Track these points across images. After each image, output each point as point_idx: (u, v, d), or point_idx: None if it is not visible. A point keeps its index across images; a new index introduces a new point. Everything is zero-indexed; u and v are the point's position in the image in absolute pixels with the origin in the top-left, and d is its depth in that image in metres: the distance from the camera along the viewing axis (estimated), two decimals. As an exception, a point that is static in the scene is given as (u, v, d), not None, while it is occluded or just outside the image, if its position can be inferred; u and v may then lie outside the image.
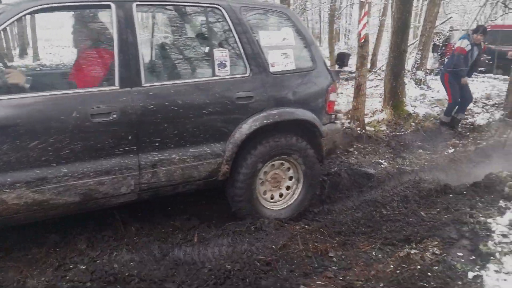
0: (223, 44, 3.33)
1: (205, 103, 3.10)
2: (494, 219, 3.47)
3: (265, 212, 3.61)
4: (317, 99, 3.66)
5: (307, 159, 3.67)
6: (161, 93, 2.97)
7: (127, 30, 2.87)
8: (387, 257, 3.04)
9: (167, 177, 3.07)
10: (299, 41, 3.64)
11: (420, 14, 18.84)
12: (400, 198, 4.12)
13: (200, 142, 3.15)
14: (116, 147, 2.84)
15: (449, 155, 5.97)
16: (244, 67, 3.33)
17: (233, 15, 3.28)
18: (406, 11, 7.75)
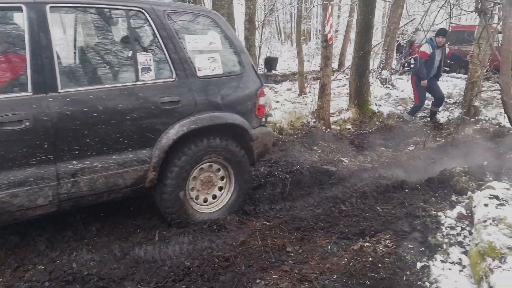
0: (147, 48, 3.25)
1: (128, 109, 3.01)
2: (445, 213, 3.65)
3: (197, 216, 3.56)
4: (246, 103, 3.67)
5: (237, 162, 3.67)
6: (80, 99, 2.84)
7: (40, 33, 2.73)
8: (342, 250, 3.16)
9: (90, 186, 2.95)
10: (226, 45, 3.66)
11: (386, 15, 19.29)
12: (359, 194, 4.27)
13: (124, 149, 3.05)
14: (30, 157, 2.69)
15: (410, 152, 6.18)
16: (170, 71, 3.28)
17: (156, 18, 3.23)
18: (368, 12, 7.97)
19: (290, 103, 9.67)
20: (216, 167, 3.66)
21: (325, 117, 7.05)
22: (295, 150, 5.81)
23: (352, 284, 2.70)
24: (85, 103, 2.86)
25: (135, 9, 3.18)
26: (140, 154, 3.13)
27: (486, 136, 6.65)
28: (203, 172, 3.59)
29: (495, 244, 2.56)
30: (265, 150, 4.03)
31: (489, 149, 5.96)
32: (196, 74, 3.39)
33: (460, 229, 3.30)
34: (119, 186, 3.09)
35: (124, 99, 3.02)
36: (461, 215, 3.51)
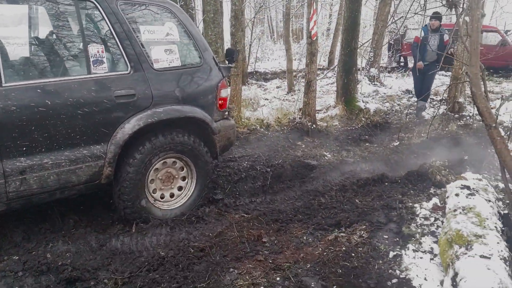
0: (99, 40, 3.14)
1: (79, 103, 2.90)
2: (421, 204, 3.71)
3: (157, 212, 3.47)
4: (207, 96, 3.59)
5: (199, 156, 3.59)
6: (25, 94, 2.72)
7: None
8: (317, 241, 3.20)
9: (40, 183, 2.84)
10: (185, 37, 3.56)
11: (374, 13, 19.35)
12: (339, 188, 4.31)
13: (76, 145, 2.94)
14: None
15: (394, 147, 6.23)
16: (124, 64, 3.17)
17: (108, 8, 3.11)
18: (355, 9, 8.02)
19: (278, 100, 9.71)
20: (176, 162, 3.57)
21: (311, 113, 7.08)
22: (279, 145, 5.85)
23: (324, 273, 2.74)
24: (31, 97, 2.75)
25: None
26: (95, 150, 3.03)
27: (469, 131, 6.72)
28: (165, 167, 3.51)
29: (463, 232, 2.61)
30: (229, 144, 3.98)
31: (471, 144, 6.03)
32: (153, 66, 3.29)
33: (433, 220, 3.36)
34: (72, 183, 2.99)
35: (74, 93, 2.90)
36: (435, 206, 3.57)
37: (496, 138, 2.79)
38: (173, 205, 3.59)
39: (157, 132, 3.32)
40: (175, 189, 3.62)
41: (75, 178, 2.99)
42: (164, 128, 3.35)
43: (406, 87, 11.09)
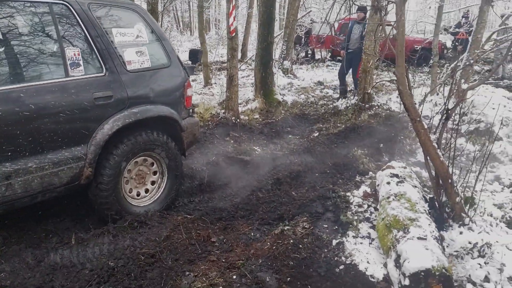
0: (74, 43, 3.14)
1: (61, 105, 2.92)
2: (352, 192, 4.00)
3: (134, 209, 3.54)
4: (175, 95, 3.75)
5: (170, 153, 3.72)
6: (8, 98, 2.70)
7: None
8: (264, 235, 3.31)
9: (24, 188, 2.83)
10: (152, 38, 3.68)
11: (284, 6, 20.00)
12: (274, 181, 4.47)
13: (59, 147, 2.97)
14: None
15: (315, 138, 6.57)
16: (100, 66, 3.23)
17: (81, 12, 3.17)
18: (270, 5, 8.22)
19: (196, 94, 9.64)
20: (150, 161, 3.67)
21: (234, 107, 7.17)
22: (208, 141, 5.85)
23: (277, 266, 2.86)
24: (14, 102, 2.72)
25: (59, 2, 3.09)
26: (75, 152, 3.06)
27: (379, 120, 7.31)
28: (138, 166, 3.59)
29: (399, 217, 2.89)
30: (194, 140, 4.16)
31: (382, 132, 6.58)
32: (126, 68, 3.37)
33: (366, 207, 3.65)
34: (54, 185, 2.99)
35: (56, 95, 2.92)
36: (366, 193, 3.87)
37: (420, 131, 3.11)
38: (146, 201, 3.69)
39: (133, 131, 3.39)
40: (148, 184, 3.72)
41: (57, 180, 2.99)
42: (139, 127, 3.43)
43: (317, 78, 11.70)
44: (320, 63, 15.07)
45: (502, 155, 5.36)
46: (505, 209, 3.78)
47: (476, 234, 2.93)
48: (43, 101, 2.84)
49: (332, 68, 14.25)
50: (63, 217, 3.59)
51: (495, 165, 5.16)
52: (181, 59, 3.98)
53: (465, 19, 12.23)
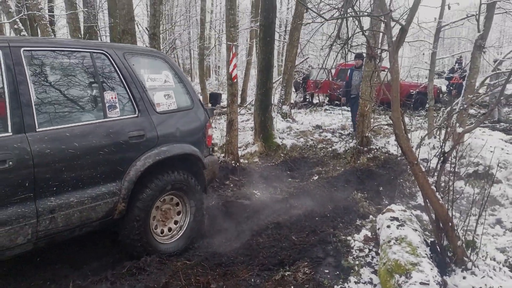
0: (111, 87, 3.45)
1: (101, 144, 3.17)
2: (353, 237, 3.97)
3: (160, 247, 3.67)
4: (198, 134, 4.01)
5: (194, 191, 3.91)
6: (56, 137, 2.93)
7: (17, 75, 2.83)
8: (264, 281, 3.26)
9: (65, 221, 2.98)
10: (177, 83, 4.00)
11: (282, 53, 20.59)
12: (274, 225, 4.44)
13: (97, 183, 3.15)
14: (12, 196, 2.69)
15: (314, 182, 6.58)
16: (133, 108, 3.51)
17: (117, 60, 3.49)
18: (269, 52, 8.49)
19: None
20: (174, 200, 3.85)
21: (234, 151, 7.23)
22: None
23: (278, 314, 2.80)
24: (61, 141, 2.95)
25: (99, 51, 3.41)
26: (111, 187, 3.23)
27: (378, 163, 7.35)
28: (163, 204, 3.77)
29: (400, 262, 2.86)
30: (213, 177, 4.37)
31: (382, 175, 6.60)
32: (156, 109, 3.65)
33: (367, 251, 3.62)
34: (91, 219, 3.15)
35: (97, 135, 3.16)
36: (367, 237, 3.85)
37: (418, 174, 3.14)
38: (171, 239, 3.83)
39: (162, 169, 3.63)
40: (172, 223, 3.86)
41: (94, 214, 3.15)
42: (167, 166, 3.67)
43: (316, 122, 11.85)
44: (318, 107, 15.32)
45: (502, 198, 5.35)
46: (508, 253, 3.74)
47: (480, 278, 2.89)
48: (85, 140, 3.08)
49: (330, 112, 14.48)
50: (61, 263, 3.54)
51: (496, 208, 5.15)
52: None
53: (458, 65, 12.57)
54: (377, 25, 6.82)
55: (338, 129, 11.05)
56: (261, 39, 8.72)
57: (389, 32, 2.97)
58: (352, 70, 9.43)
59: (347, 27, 3.19)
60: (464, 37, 23.37)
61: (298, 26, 11.01)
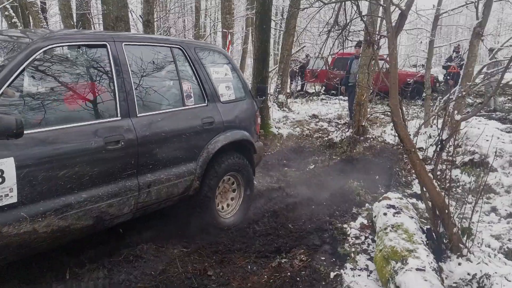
0: (187, 79, 3.81)
1: (183, 128, 3.57)
2: (349, 224, 3.98)
3: (222, 221, 4.05)
4: (250, 122, 4.39)
5: (247, 173, 4.30)
6: (152, 122, 3.32)
7: (122, 67, 3.19)
8: (261, 268, 3.27)
9: (157, 195, 3.37)
10: (234, 75, 4.39)
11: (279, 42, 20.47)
12: (270, 214, 4.44)
13: (179, 163, 3.54)
14: (123, 171, 3.09)
15: (311, 171, 6.58)
16: (203, 97, 3.88)
17: (191, 54, 3.86)
18: (265, 40, 8.43)
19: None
20: (231, 179, 4.22)
21: (230, 140, 7.20)
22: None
23: (274, 300, 2.81)
24: (155, 125, 3.34)
25: (176, 46, 3.79)
26: (189, 167, 3.63)
27: (374, 152, 7.37)
28: (223, 183, 4.15)
29: (397, 248, 2.87)
30: (259, 161, 4.75)
31: (378, 164, 6.62)
32: (220, 99, 4.02)
33: (364, 238, 3.63)
34: (173, 194, 3.55)
35: (180, 120, 3.58)
36: (363, 225, 3.86)
37: (416, 161, 3.14)
38: (227, 215, 4.20)
39: (225, 153, 3.99)
40: (229, 200, 4.26)
41: (176, 190, 3.55)
42: (229, 149, 4.04)
43: (312, 112, 11.84)
44: (315, 97, 15.29)
45: (497, 186, 5.38)
46: (502, 240, 3.77)
47: (475, 265, 2.91)
48: (172, 125, 3.47)
49: (327, 102, 14.45)
50: (57, 251, 3.51)
51: (491, 196, 5.17)
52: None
53: (456, 53, 12.55)
54: (376, 11, 6.77)
55: (334, 118, 11.05)
56: (257, 27, 8.66)
57: (388, 17, 2.94)
58: (352, 59, 9.46)
59: (345, 13, 3.16)
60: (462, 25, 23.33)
61: (295, 14, 10.92)
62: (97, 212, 2.94)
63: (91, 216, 2.91)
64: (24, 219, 2.50)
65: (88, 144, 2.85)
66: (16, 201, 2.46)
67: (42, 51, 2.73)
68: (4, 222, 2.41)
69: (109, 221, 3.11)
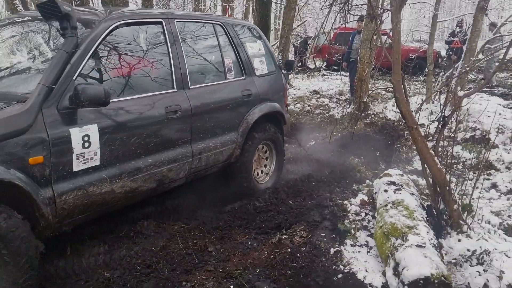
0: (227, 54, 4.07)
1: (226, 99, 3.86)
2: (349, 201, 3.98)
3: (258, 186, 4.38)
4: (280, 95, 4.66)
5: (278, 141, 4.61)
6: (201, 94, 3.60)
7: (175, 42, 3.44)
8: (261, 244, 3.28)
9: (206, 162, 3.68)
10: (266, 50, 4.65)
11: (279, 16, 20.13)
12: (271, 190, 4.44)
13: (224, 132, 3.84)
14: (180, 139, 3.39)
15: (311, 147, 6.57)
16: (241, 71, 4.16)
17: (230, 30, 4.14)
18: (265, 14, 8.30)
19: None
20: (264, 148, 4.55)
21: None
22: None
23: (274, 276, 2.83)
24: (205, 96, 3.62)
25: (217, 23, 4.08)
26: (232, 136, 3.93)
27: (375, 129, 7.33)
28: (258, 152, 4.46)
29: (397, 225, 2.87)
30: (287, 132, 5.14)
31: (379, 140, 6.59)
32: (255, 73, 4.29)
33: (364, 215, 3.64)
34: (219, 161, 3.85)
35: (224, 92, 3.87)
36: (363, 201, 3.86)
37: (417, 138, 3.11)
38: (262, 181, 4.54)
39: (261, 123, 4.27)
40: (262, 167, 4.60)
41: (221, 157, 3.85)
42: (263, 120, 4.31)
43: (313, 87, 11.73)
44: (316, 72, 15.14)
45: (498, 162, 5.36)
46: (502, 216, 3.77)
47: (475, 241, 2.91)
48: (217, 97, 3.76)
49: (328, 78, 14.32)
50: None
51: (491, 172, 5.16)
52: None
53: (459, 28, 12.35)
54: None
55: (335, 94, 10.94)
56: (257, 1, 8.49)
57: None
58: (354, 34, 9.29)
59: (348, -15, 3.07)
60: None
61: (296, -12, 10.70)
62: (159, 176, 3.24)
63: (155, 179, 3.21)
64: (105, 180, 2.80)
65: (153, 113, 3.14)
66: (99, 164, 2.76)
67: (111, 28, 2.95)
68: (90, 182, 2.72)
69: (168, 184, 3.41)
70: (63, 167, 2.56)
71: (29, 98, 2.44)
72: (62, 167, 2.56)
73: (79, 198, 2.67)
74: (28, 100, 2.42)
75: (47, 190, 2.48)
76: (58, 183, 2.54)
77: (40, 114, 2.44)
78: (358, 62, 7.94)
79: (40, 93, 2.46)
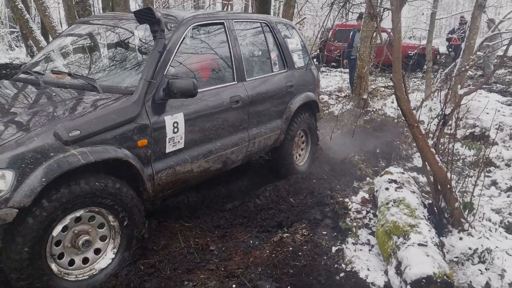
0: (273, 49, 4.50)
1: (274, 90, 4.29)
2: (350, 199, 3.99)
3: (297, 168, 4.83)
4: (314, 85, 5.10)
5: (313, 127, 5.10)
6: (255, 85, 4.03)
7: (234, 39, 3.89)
8: (263, 243, 3.28)
9: (257, 146, 4.12)
10: (302, 45, 5.08)
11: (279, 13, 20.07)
12: (272, 188, 4.43)
13: (271, 119, 4.27)
14: (240, 125, 3.83)
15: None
16: (284, 64, 4.59)
17: (273, 27, 4.56)
18: (265, 11, 8.28)
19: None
20: (300, 132, 4.95)
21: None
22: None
23: (276, 274, 2.84)
24: (258, 87, 4.06)
25: (264, 22, 4.53)
26: (277, 123, 4.37)
27: (374, 125, 7.33)
28: (297, 137, 4.85)
29: (399, 223, 2.88)
30: (318, 118, 5.56)
31: (378, 137, 6.60)
32: (295, 66, 4.72)
33: (365, 213, 3.64)
34: (267, 145, 4.31)
35: (272, 84, 4.31)
36: (364, 199, 3.86)
37: (418, 136, 3.12)
38: (301, 162, 5.06)
39: (299, 112, 4.70)
40: (300, 151, 5.08)
41: (269, 142, 4.31)
42: (301, 109, 4.72)
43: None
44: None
45: (498, 159, 5.38)
46: (503, 214, 3.79)
47: (476, 239, 2.92)
48: (267, 88, 4.19)
49: (327, 74, 14.30)
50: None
51: (491, 169, 5.18)
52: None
53: (460, 25, 12.35)
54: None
55: (335, 91, 10.94)
56: (257, -2, 8.47)
57: (393, -11, 2.86)
58: (355, 31, 9.29)
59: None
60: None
61: (295, -15, 10.65)
62: (224, 158, 3.69)
63: (221, 160, 3.66)
64: (187, 160, 3.26)
65: (222, 102, 3.57)
66: (183, 147, 3.22)
67: (188, 30, 3.41)
68: (177, 162, 3.19)
69: (229, 165, 3.85)
70: (159, 149, 3.03)
71: (135, 91, 2.89)
72: (159, 149, 3.03)
73: (169, 175, 3.14)
74: (135, 93, 2.88)
75: (149, 168, 2.97)
76: (156, 162, 3.02)
77: (144, 104, 2.89)
78: (358, 60, 7.93)
79: (143, 86, 2.91)
